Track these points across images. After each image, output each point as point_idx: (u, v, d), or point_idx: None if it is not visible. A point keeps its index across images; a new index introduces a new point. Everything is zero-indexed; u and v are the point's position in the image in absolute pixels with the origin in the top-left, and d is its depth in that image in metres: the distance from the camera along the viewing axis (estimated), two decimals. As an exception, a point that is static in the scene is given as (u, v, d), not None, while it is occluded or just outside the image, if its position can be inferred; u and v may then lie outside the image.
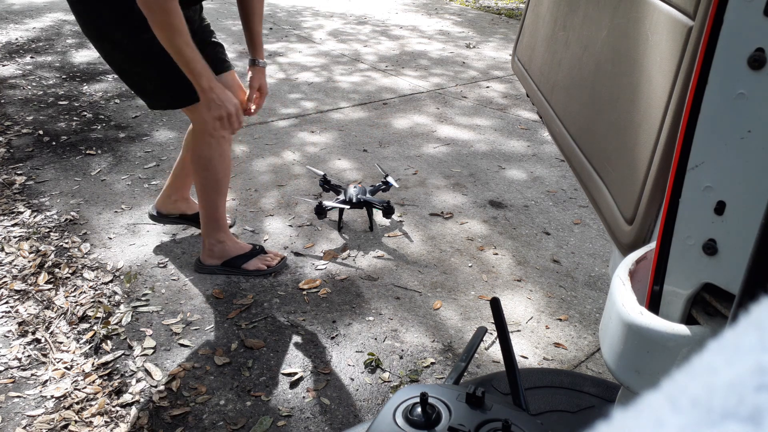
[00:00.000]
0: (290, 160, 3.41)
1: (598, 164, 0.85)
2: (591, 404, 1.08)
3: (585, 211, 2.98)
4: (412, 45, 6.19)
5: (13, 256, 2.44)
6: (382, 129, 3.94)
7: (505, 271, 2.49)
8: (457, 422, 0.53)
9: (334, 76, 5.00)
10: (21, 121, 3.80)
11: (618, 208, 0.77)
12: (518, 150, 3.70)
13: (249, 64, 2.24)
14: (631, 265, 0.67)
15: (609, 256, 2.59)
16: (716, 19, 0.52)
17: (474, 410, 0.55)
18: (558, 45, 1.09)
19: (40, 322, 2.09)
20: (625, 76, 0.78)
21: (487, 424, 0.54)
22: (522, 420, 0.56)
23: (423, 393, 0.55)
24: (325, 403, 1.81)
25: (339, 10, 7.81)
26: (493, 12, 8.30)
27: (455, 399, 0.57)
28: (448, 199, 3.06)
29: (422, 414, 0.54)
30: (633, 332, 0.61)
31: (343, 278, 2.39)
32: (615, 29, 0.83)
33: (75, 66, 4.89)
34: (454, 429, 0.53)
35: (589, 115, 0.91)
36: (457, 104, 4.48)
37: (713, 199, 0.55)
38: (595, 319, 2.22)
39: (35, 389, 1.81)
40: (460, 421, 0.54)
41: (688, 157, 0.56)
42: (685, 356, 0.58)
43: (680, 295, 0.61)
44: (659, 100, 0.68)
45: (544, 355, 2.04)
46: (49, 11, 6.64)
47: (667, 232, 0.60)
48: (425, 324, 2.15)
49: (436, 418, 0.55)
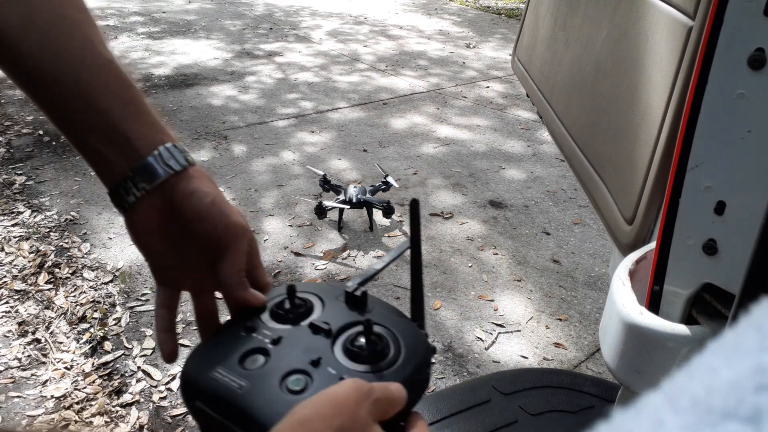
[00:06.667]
0: (290, 160, 3.41)
1: (598, 164, 0.85)
2: (591, 404, 1.08)
3: (585, 211, 2.98)
4: (411, 45, 6.19)
5: (13, 256, 2.44)
6: (381, 129, 3.94)
7: (505, 271, 2.49)
8: (322, 320, 0.48)
9: (333, 76, 5.00)
10: (21, 121, 3.80)
11: (618, 208, 0.77)
12: (518, 150, 3.70)
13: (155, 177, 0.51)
14: (631, 265, 0.67)
15: (609, 256, 2.59)
16: (716, 19, 0.52)
17: (349, 311, 0.50)
18: (558, 45, 1.09)
19: (40, 322, 2.09)
20: (625, 76, 0.78)
21: (356, 325, 0.48)
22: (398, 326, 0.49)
23: (291, 286, 0.50)
24: (325, 403, 1.81)
25: (337, 9, 7.81)
26: (492, 12, 8.30)
27: (334, 297, 0.51)
28: (448, 199, 3.06)
29: (288, 309, 0.49)
30: (633, 332, 0.61)
31: (343, 278, 2.38)
32: (615, 29, 0.83)
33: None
34: (315, 326, 0.47)
35: (589, 115, 0.91)
36: (457, 104, 4.48)
37: (713, 199, 0.55)
38: (595, 319, 2.22)
39: (35, 389, 1.81)
40: (327, 319, 0.49)
41: (688, 157, 0.56)
42: (685, 356, 0.58)
43: (680, 295, 0.61)
44: (659, 100, 0.68)
45: (544, 355, 2.04)
46: (48, 11, 6.64)
47: (667, 232, 0.60)
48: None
49: (303, 313, 0.50)
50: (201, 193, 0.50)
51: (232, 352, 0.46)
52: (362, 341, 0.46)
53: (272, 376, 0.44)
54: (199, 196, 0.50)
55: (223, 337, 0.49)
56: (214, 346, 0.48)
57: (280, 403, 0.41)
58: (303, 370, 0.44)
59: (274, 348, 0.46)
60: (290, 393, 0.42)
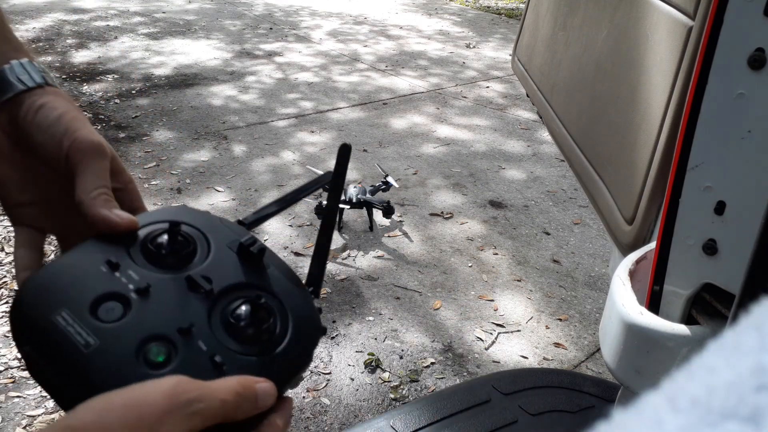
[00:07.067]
0: (290, 160, 3.41)
1: (598, 164, 0.85)
2: (591, 404, 1.08)
3: (585, 211, 2.98)
4: (411, 45, 6.19)
5: (13, 256, 2.44)
6: (381, 129, 3.94)
7: (505, 271, 2.49)
8: (203, 273, 0.39)
9: (332, 76, 5.00)
10: None
11: (618, 208, 0.77)
12: (518, 150, 3.70)
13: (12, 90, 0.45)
14: (631, 265, 0.67)
15: (609, 256, 2.59)
16: (716, 19, 0.52)
17: (239, 267, 0.41)
18: (558, 45, 1.09)
19: (39, 323, 2.09)
20: (625, 76, 0.78)
21: (243, 290, 0.40)
22: (291, 299, 0.41)
23: (175, 221, 0.40)
24: (325, 403, 1.81)
25: (337, 9, 7.81)
26: (492, 12, 8.30)
27: (225, 244, 0.42)
28: (447, 199, 3.06)
29: (166, 248, 0.39)
30: (633, 332, 0.61)
31: (343, 278, 2.39)
32: (615, 29, 0.83)
33: (75, 66, 4.89)
34: (193, 281, 0.38)
35: (589, 115, 0.91)
36: (457, 104, 4.48)
37: (713, 199, 0.55)
38: (595, 319, 2.22)
39: (35, 389, 1.81)
40: (209, 273, 0.39)
41: (688, 157, 0.56)
42: (685, 356, 0.58)
43: (680, 295, 0.61)
44: (659, 100, 0.68)
45: (544, 355, 2.04)
46: (49, 11, 6.63)
47: (667, 232, 0.60)
48: (425, 324, 2.15)
49: (182, 258, 0.40)
50: (48, 108, 0.43)
51: (84, 291, 0.36)
52: (246, 313, 0.38)
53: (129, 339, 0.35)
54: (46, 111, 0.43)
55: (77, 266, 0.38)
56: (62, 275, 0.37)
57: (132, 377, 0.33)
58: (168, 338, 0.36)
59: (137, 299, 0.37)
60: (147, 365, 0.34)
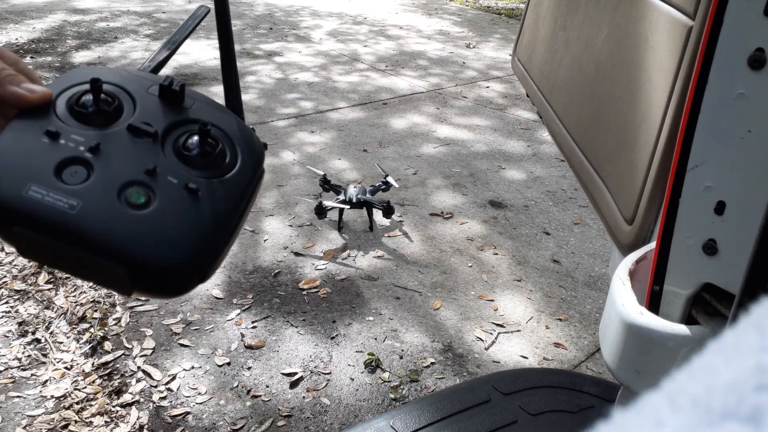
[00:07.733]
0: (290, 160, 3.41)
1: (598, 164, 0.85)
2: (591, 404, 1.08)
3: (585, 211, 2.98)
4: (410, 45, 6.19)
5: (13, 256, 2.44)
6: (381, 129, 3.94)
7: (505, 271, 2.49)
8: (140, 120, 0.41)
9: (332, 76, 5.00)
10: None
11: (618, 208, 0.77)
12: (518, 150, 3.70)
13: None
14: (631, 265, 0.67)
15: (609, 256, 2.59)
16: (716, 19, 0.52)
17: (168, 108, 0.43)
18: (558, 45, 1.09)
19: (40, 322, 2.09)
20: (625, 76, 0.78)
21: (184, 125, 0.42)
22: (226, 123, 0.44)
23: (95, 78, 0.41)
24: (325, 403, 1.81)
25: (337, 9, 7.81)
26: (492, 12, 8.30)
27: (145, 91, 0.44)
28: (447, 199, 3.06)
29: (94, 107, 0.41)
30: (633, 332, 0.61)
31: (343, 278, 2.39)
32: (615, 29, 0.83)
33: (75, 66, 4.89)
34: (136, 128, 0.41)
35: (589, 115, 0.91)
36: (457, 104, 4.48)
37: (713, 199, 0.55)
38: (595, 319, 2.22)
39: (35, 389, 1.81)
40: (146, 118, 0.42)
41: (688, 157, 0.56)
42: (685, 356, 0.58)
43: (680, 295, 0.61)
44: (659, 100, 0.68)
45: (544, 355, 2.04)
46: (49, 11, 6.63)
47: (667, 232, 0.60)
48: (425, 324, 2.15)
49: (114, 112, 0.41)
50: None
51: (41, 165, 0.37)
52: (199, 141, 0.41)
53: (106, 191, 0.37)
54: None
55: (20, 143, 0.38)
56: (9, 156, 0.38)
57: (127, 220, 0.36)
58: (140, 182, 0.38)
59: (94, 158, 0.38)
60: (133, 207, 0.37)
